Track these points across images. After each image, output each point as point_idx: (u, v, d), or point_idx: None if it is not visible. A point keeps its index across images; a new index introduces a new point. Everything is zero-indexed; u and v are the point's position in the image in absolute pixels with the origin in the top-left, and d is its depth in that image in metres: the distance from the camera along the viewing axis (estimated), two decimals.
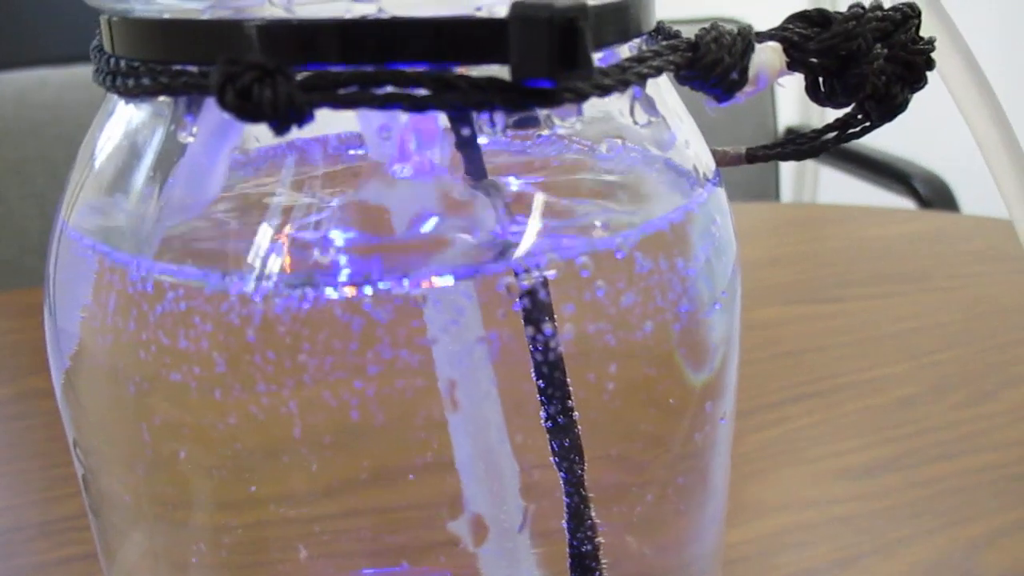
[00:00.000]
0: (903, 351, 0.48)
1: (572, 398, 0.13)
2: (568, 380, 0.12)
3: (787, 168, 1.41)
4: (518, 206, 0.14)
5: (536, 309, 0.11)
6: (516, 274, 0.11)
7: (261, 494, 0.13)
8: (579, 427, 0.13)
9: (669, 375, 0.14)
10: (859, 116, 0.20)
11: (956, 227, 0.70)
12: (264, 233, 0.12)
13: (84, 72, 0.96)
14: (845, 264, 0.63)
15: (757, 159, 0.22)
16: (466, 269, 0.11)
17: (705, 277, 0.14)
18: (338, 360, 0.11)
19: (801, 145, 0.22)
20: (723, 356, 0.15)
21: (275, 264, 0.11)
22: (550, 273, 0.12)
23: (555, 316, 0.12)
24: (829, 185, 1.51)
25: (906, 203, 1.02)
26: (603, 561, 0.16)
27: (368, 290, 0.11)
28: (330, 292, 0.11)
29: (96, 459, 0.17)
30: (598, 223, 0.13)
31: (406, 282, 0.11)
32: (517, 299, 0.11)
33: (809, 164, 1.51)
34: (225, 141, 0.14)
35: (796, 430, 0.42)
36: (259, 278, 0.11)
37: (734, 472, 0.39)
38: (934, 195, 1.03)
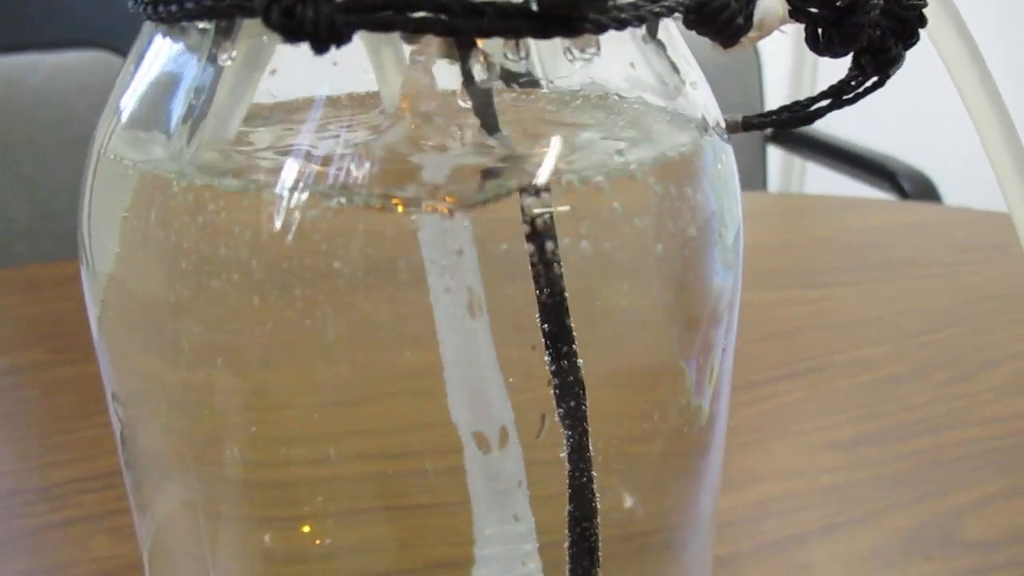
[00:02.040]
0: (888, 333, 0.49)
1: (573, 325, 0.13)
2: (569, 308, 0.13)
3: (774, 164, 1.43)
4: (529, 143, 0.15)
5: (543, 234, 0.12)
6: (528, 194, 0.12)
7: (293, 413, 0.14)
8: (580, 357, 0.14)
9: (674, 305, 0.14)
10: (852, 83, 0.21)
11: (939, 218, 0.71)
12: (299, 149, 0.13)
13: (75, 57, 0.95)
14: (831, 252, 0.64)
15: (753, 127, 0.22)
16: (478, 190, 0.12)
17: (713, 213, 0.15)
18: (370, 270, 0.12)
19: (797, 112, 0.22)
20: (729, 298, 0.15)
21: (308, 177, 0.12)
22: (562, 206, 0.13)
23: (559, 242, 0.12)
24: (815, 181, 1.52)
25: (891, 199, 1.03)
26: (599, 497, 0.17)
27: (395, 203, 0.12)
28: (359, 203, 0.12)
29: (134, 407, 0.17)
30: (609, 153, 0.14)
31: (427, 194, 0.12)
32: (529, 222, 0.12)
33: (796, 160, 1.52)
34: (248, 83, 0.15)
35: (785, 405, 0.42)
36: (293, 189, 0.12)
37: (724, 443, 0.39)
38: (918, 191, 1.05)
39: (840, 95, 0.22)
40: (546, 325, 0.12)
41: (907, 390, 0.43)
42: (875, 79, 0.21)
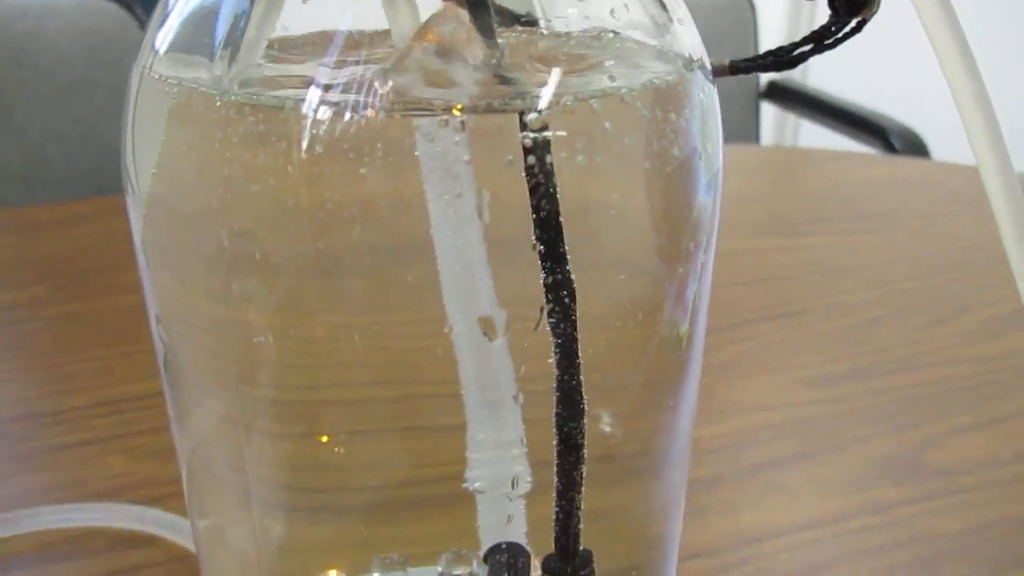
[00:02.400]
0: (870, 280, 0.51)
1: (564, 234, 0.15)
2: (561, 218, 0.14)
3: (768, 120, 1.44)
4: (529, 72, 0.16)
5: (541, 147, 0.14)
6: (529, 110, 0.14)
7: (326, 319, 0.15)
8: (571, 269, 0.15)
9: (659, 218, 0.16)
10: (832, 28, 0.23)
11: (927, 172, 0.73)
12: (326, 70, 0.14)
13: (66, 1, 0.95)
14: (819, 203, 0.66)
15: (740, 70, 0.24)
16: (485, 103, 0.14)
17: (695, 138, 0.16)
18: (392, 177, 0.13)
19: (781, 57, 0.24)
20: (708, 220, 0.17)
21: (335, 94, 0.14)
22: (558, 124, 0.15)
23: (555, 156, 0.14)
24: (808, 138, 1.53)
25: (881, 154, 1.05)
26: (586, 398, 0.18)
27: (412, 116, 0.13)
28: (381, 116, 0.13)
29: (176, 328, 0.19)
30: (601, 79, 0.15)
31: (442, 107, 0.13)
32: (528, 136, 0.13)
33: (790, 116, 1.53)
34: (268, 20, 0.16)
35: (767, 345, 0.44)
36: (322, 104, 0.13)
37: (707, 379, 0.42)
38: (908, 148, 1.06)
39: (821, 40, 0.23)
40: (541, 231, 0.14)
41: (884, 333, 0.45)
42: (853, 24, 0.22)
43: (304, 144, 0.14)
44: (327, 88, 0.14)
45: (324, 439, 0.19)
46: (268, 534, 0.21)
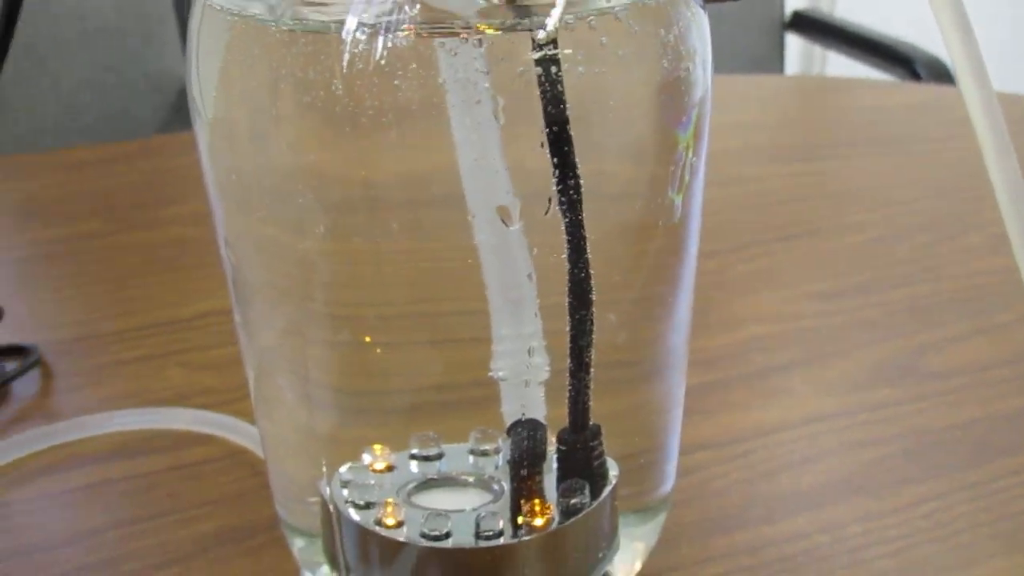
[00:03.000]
0: (879, 201, 0.53)
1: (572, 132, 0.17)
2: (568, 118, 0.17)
3: (794, 52, 1.43)
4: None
5: (549, 60, 0.16)
6: (539, 28, 0.16)
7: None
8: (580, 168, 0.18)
9: (649, 119, 0.19)
10: None
11: (943, 98, 0.74)
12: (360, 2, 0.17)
13: None
14: (838, 129, 0.67)
15: None
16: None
17: (682, 53, 0.18)
18: (421, 87, 0.16)
19: None
20: (699, 111, 0.19)
21: (372, 20, 0.16)
22: (564, 39, 0.17)
23: (560, 66, 0.16)
24: (835, 71, 1.52)
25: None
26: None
27: (436, 36, 0.16)
28: (410, 37, 0.16)
29: (242, 249, 0.21)
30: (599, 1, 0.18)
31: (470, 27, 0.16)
32: (538, 49, 0.16)
33: (816, 48, 1.52)
34: None
35: (778, 263, 0.47)
36: (360, 28, 0.16)
37: (720, 293, 0.44)
38: (935, 79, 1.06)
39: None
40: (549, 131, 0.16)
41: (888, 250, 0.48)
42: None
43: (345, 61, 0.16)
44: (364, 12, 0.16)
45: (370, 348, 0.22)
46: (323, 428, 0.25)
